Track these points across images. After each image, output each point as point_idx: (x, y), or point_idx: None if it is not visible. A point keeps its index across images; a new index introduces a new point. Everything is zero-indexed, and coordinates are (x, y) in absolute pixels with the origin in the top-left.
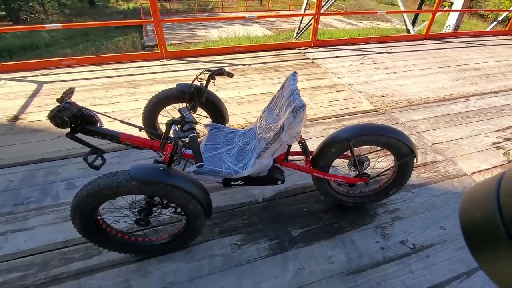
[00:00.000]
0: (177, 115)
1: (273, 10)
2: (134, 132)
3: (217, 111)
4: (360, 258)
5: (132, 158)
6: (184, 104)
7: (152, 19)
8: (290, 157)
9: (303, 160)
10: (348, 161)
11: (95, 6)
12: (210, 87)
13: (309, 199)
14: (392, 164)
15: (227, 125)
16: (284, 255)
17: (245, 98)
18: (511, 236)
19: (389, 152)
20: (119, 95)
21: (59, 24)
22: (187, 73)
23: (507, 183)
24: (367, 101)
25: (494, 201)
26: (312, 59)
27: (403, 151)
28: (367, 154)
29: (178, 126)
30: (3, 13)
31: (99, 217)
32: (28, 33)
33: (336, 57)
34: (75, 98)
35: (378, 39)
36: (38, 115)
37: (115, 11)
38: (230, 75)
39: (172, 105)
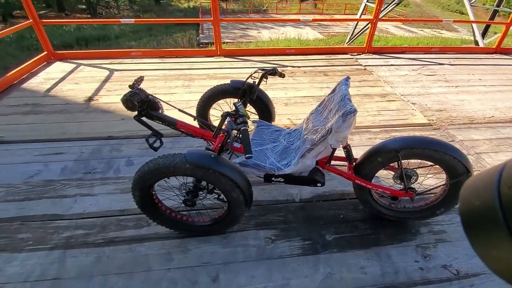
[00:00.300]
0: (227, 109)
1: (327, 14)
2: (189, 121)
3: (265, 109)
4: (396, 275)
5: (183, 144)
6: (236, 100)
7: (212, 18)
8: (333, 162)
9: (346, 166)
10: (394, 173)
11: (160, 4)
12: (261, 86)
13: (347, 207)
14: (443, 183)
15: (273, 123)
16: (316, 257)
17: (291, 99)
18: (508, 223)
19: (441, 169)
20: (176, 86)
21: (132, 20)
22: (239, 70)
23: (508, 173)
24: (421, 114)
25: (495, 190)
26: (364, 65)
27: (458, 170)
28: (416, 168)
29: (232, 118)
30: (84, 6)
31: (154, 192)
32: (102, 25)
33: (391, 65)
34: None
35: (441, 49)
36: (108, 98)
37: (177, 9)
38: (282, 75)
39: (224, 99)
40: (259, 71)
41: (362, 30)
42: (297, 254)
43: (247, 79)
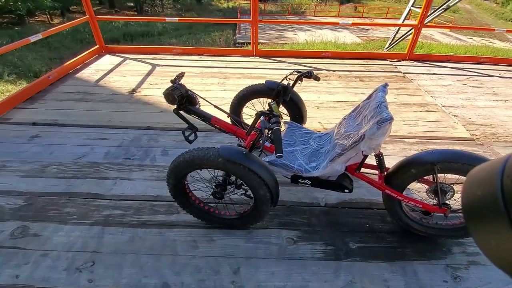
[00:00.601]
0: (260, 108)
1: (367, 17)
2: (223, 117)
3: (297, 111)
4: None
5: (215, 140)
6: (270, 100)
7: (251, 19)
8: (363, 169)
9: (376, 174)
10: (428, 186)
11: (201, 3)
12: (295, 88)
13: (374, 217)
14: None
15: (304, 126)
16: (338, 263)
17: (324, 103)
18: (509, 213)
19: None
20: (211, 84)
21: (176, 18)
22: (273, 71)
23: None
24: (463, 127)
25: (498, 180)
26: (404, 73)
27: None
28: (453, 184)
29: (266, 118)
30: (132, 4)
31: (186, 182)
32: (146, 22)
33: (434, 74)
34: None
35: (491, 60)
36: (150, 91)
37: (216, 9)
38: (317, 78)
39: (257, 99)
40: (295, 73)
41: (404, 36)
42: (319, 258)
43: (282, 80)
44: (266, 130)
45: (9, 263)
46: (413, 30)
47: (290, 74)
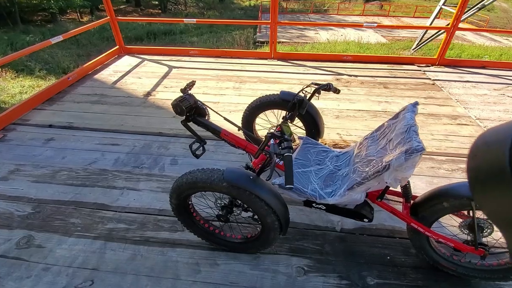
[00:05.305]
0: (273, 119)
1: (394, 16)
2: (234, 130)
3: (313, 125)
4: None
5: (225, 150)
6: (284, 112)
7: (269, 21)
8: (386, 195)
9: (400, 202)
10: (462, 220)
11: (223, 1)
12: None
13: (396, 247)
14: None
15: (319, 140)
16: None
17: (343, 112)
18: None
19: None
20: (226, 88)
21: (194, 19)
22: (290, 75)
23: None
24: None
25: (507, 147)
26: (433, 79)
27: None
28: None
29: (276, 140)
30: (156, 2)
31: (190, 202)
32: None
33: (467, 81)
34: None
35: None
36: (164, 94)
37: (238, 7)
38: (336, 91)
39: (271, 110)
40: (312, 85)
41: (433, 37)
42: None
43: (299, 92)
44: (275, 155)
45: (12, 274)
46: (445, 32)
47: (307, 87)
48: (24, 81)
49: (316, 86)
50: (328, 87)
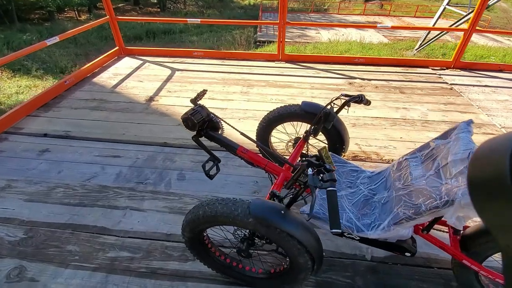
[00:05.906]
0: (291, 131)
1: (395, 16)
2: (251, 146)
3: (338, 141)
4: None
5: (236, 162)
6: (308, 125)
7: (278, 21)
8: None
9: (446, 232)
10: None
11: (223, 0)
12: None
13: (435, 279)
14: None
15: (343, 156)
16: None
17: (360, 119)
18: None
19: None
20: (233, 92)
21: (199, 20)
22: (301, 79)
23: None
24: None
25: (507, 157)
26: (450, 84)
27: None
28: None
29: (315, 170)
30: (155, 0)
31: (205, 234)
32: None
33: (486, 86)
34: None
35: None
36: (168, 99)
37: (238, 6)
38: (368, 103)
39: (289, 122)
40: (342, 97)
41: (437, 37)
42: None
43: (327, 105)
44: (317, 190)
45: None
46: (462, 35)
47: (336, 99)
48: (21, 81)
49: (347, 98)
50: (359, 99)
